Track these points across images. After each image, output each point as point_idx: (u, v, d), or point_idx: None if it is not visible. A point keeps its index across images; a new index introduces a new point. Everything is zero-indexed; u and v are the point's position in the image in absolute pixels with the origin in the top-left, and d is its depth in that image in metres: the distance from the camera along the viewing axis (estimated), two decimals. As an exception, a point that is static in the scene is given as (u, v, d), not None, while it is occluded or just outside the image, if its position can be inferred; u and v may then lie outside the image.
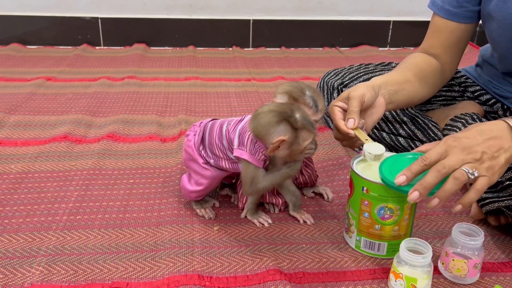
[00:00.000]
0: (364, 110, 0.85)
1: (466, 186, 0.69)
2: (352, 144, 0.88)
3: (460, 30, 1.00)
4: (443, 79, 1.05)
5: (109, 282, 0.74)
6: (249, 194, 0.87)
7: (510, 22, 0.89)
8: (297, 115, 0.76)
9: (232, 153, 0.83)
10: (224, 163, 0.85)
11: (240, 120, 0.84)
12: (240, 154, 0.81)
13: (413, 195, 0.68)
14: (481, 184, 0.67)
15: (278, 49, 2.22)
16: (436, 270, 0.77)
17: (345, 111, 0.85)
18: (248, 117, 0.82)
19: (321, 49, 2.24)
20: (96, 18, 2.12)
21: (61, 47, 2.12)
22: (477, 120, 1.02)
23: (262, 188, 0.82)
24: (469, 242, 0.73)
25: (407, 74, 0.97)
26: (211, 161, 0.87)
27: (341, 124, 0.83)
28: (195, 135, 0.90)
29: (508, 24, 0.90)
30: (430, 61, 1.02)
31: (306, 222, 0.90)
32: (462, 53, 1.04)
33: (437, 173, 0.67)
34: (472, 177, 0.66)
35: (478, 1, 0.96)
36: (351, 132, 0.81)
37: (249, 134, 0.80)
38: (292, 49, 2.23)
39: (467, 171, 0.66)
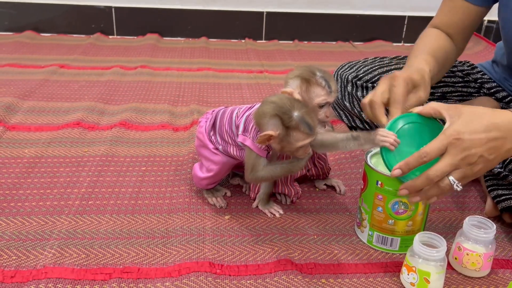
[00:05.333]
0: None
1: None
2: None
3: (476, 13, 0.99)
4: (454, 60, 1.05)
5: (121, 266, 0.74)
6: (250, 181, 0.85)
7: None
8: (295, 113, 0.73)
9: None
10: (232, 149, 0.85)
11: (250, 107, 0.84)
12: (243, 140, 0.80)
13: (402, 192, 0.70)
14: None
15: (291, 42, 2.20)
16: (447, 265, 0.76)
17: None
18: (258, 105, 0.82)
19: (334, 43, 2.23)
20: (110, 7, 2.12)
21: (74, 35, 2.13)
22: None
23: (262, 177, 0.81)
24: (482, 235, 0.72)
25: (439, 66, 0.93)
26: (220, 147, 0.87)
27: (380, 113, 0.77)
28: (206, 121, 0.90)
29: None
30: (450, 43, 1.00)
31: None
32: (470, 36, 1.04)
33: (428, 180, 0.67)
34: (457, 188, 0.67)
35: None
36: (384, 123, 0.76)
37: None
38: (305, 42, 2.21)
39: (453, 182, 0.67)
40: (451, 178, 0.67)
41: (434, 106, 0.72)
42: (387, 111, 0.79)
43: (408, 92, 0.79)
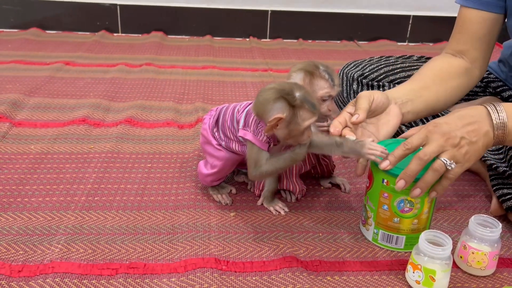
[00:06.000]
0: (376, 114, 0.83)
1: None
2: None
3: (489, 20, 0.95)
4: (471, 79, 0.98)
5: (127, 262, 0.75)
6: (254, 178, 0.84)
7: None
8: (297, 93, 0.74)
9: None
10: (234, 145, 0.85)
11: (251, 103, 0.84)
12: (244, 134, 0.80)
13: (400, 183, 0.72)
14: (455, 173, 0.71)
15: (296, 40, 2.20)
16: (453, 263, 0.77)
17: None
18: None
19: (339, 42, 2.23)
20: (115, 5, 2.12)
21: (79, 32, 2.14)
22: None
23: (266, 172, 0.80)
24: (488, 233, 0.73)
25: (424, 80, 0.93)
26: (223, 143, 0.87)
27: (334, 123, 0.79)
28: (210, 118, 0.91)
29: None
30: (451, 61, 0.97)
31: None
32: (492, 49, 0.99)
33: (419, 160, 0.70)
34: (450, 168, 0.70)
35: None
36: (337, 133, 0.78)
37: (254, 115, 0.80)
38: (310, 41, 2.21)
39: (445, 162, 0.70)
40: (442, 158, 0.70)
41: (414, 128, 0.79)
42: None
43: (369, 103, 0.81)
